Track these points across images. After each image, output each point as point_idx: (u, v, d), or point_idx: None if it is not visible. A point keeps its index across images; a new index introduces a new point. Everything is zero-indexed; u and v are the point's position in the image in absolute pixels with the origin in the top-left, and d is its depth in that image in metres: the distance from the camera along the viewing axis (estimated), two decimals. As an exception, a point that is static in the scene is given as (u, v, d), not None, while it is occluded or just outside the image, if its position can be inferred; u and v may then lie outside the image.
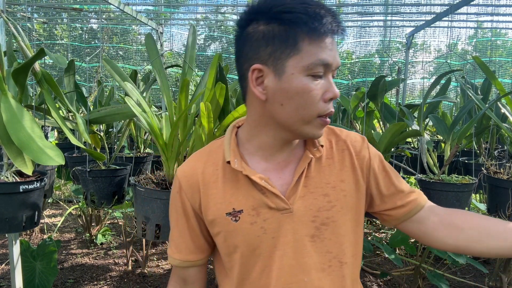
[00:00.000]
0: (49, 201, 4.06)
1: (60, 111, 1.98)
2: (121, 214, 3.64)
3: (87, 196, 1.90)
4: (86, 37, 6.59)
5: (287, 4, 0.71)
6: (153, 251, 3.52)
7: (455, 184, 1.71)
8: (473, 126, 2.08)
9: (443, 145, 2.77)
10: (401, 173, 2.51)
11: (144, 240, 3.17)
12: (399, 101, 3.53)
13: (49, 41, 6.42)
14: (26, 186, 1.46)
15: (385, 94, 2.37)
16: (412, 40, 4.03)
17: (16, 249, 1.84)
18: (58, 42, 6.64)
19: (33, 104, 1.74)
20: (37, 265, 2.30)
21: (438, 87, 2.26)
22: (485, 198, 2.64)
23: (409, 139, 2.92)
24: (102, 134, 2.28)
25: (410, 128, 2.04)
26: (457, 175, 1.87)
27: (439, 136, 3.19)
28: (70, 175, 2.39)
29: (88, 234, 3.67)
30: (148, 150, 2.71)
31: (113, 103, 2.41)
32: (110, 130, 2.66)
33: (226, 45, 7.03)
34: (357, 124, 2.69)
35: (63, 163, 1.35)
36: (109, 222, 4.06)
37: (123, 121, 2.45)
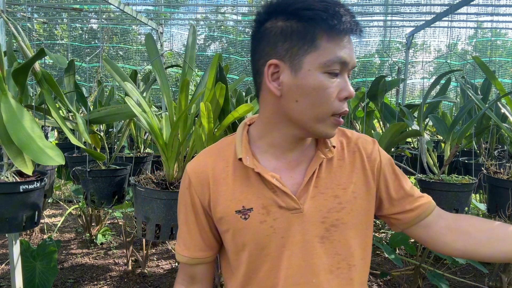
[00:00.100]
0: (49, 201, 4.06)
1: (60, 111, 1.98)
2: (121, 214, 3.64)
3: (87, 196, 1.90)
4: (86, 37, 6.59)
5: (307, 1, 0.71)
6: (153, 251, 3.52)
7: (455, 184, 1.71)
8: (473, 126, 2.08)
9: (443, 145, 2.77)
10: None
11: (144, 240, 3.17)
12: (399, 101, 3.53)
13: (49, 41, 6.42)
14: (26, 186, 1.46)
15: (385, 94, 2.37)
16: (412, 40, 4.03)
17: (16, 249, 1.84)
18: (58, 42, 6.64)
19: (33, 104, 1.74)
20: (37, 265, 2.30)
21: (438, 87, 2.26)
22: (485, 198, 2.64)
23: (409, 139, 2.92)
24: (102, 134, 2.28)
25: (410, 128, 2.04)
26: (457, 175, 1.87)
27: (439, 136, 3.19)
28: (70, 175, 2.39)
29: (88, 234, 3.67)
30: (148, 150, 2.71)
31: (113, 103, 2.41)
32: (110, 130, 2.66)
33: (226, 45, 7.03)
34: (357, 124, 2.69)
35: (63, 163, 1.35)
36: (109, 222, 4.06)
37: (123, 121, 2.45)
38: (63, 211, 4.32)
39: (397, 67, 3.59)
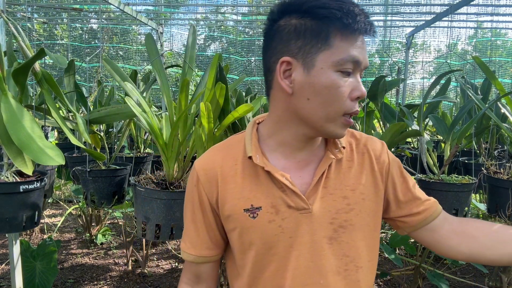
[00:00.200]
0: (49, 201, 4.06)
1: (60, 111, 1.98)
2: (121, 214, 3.64)
3: (87, 196, 1.90)
4: (86, 37, 6.59)
5: (321, 0, 0.71)
6: (153, 251, 3.52)
7: (455, 184, 1.71)
8: (473, 126, 2.08)
9: (443, 145, 2.77)
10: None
11: (144, 240, 3.18)
12: (399, 101, 3.53)
13: (49, 41, 6.42)
14: (26, 186, 1.46)
15: (385, 94, 2.37)
16: (412, 40, 4.03)
17: (16, 249, 1.84)
18: (58, 42, 6.64)
19: (33, 104, 1.74)
20: (37, 265, 2.30)
21: (438, 87, 2.26)
22: (485, 198, 2.64)
23: (409, 139, 2.92)
24: (102, 134, 2.28)
25: (410, 128, 2.04)
26: (457, 175, 1.87)
27: (439, 136, 3.19)
28: (70, 175, 2.39)
29: (88, 234, 3.67)
30: (148, 150, 2.71)
31: (113, 103, 2.41)
32: (110, 130, 2.66)
33: (226, 45, 7.03)
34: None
35: (63, 163, 1.35)
36: (109, 222, 4.06)
37: (123, 121, 2.45)
38: (63, 211, 4.32)
39: (397, 67, 3.59)
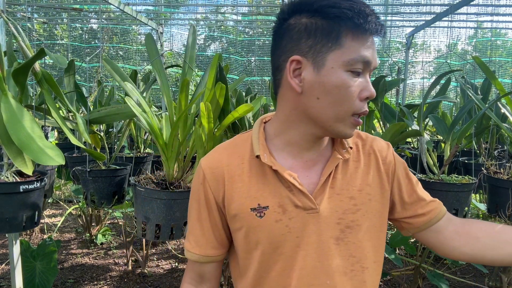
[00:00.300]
0: (49, 201, 4.06)
1: (60, 111, 1.98)
2: (121, 214, 3.64)
3: (87, 196, 1.90)
4: (86, 37, 6.59)
5: None
6: (153, 251, 3.52)
7: (455, 184, 1.71)
8: (473, 126, 2.08)
9: (443, 145, 2.77)
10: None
11: (144, 240, 3.18)
12: (399, 101, 3.53)
13: (49, 41, 6.42)
14: (26, 186, 1.46)
15: (385, 94, 2.37)
16: (412, 40, 4.03)
17: (16, 249, 1.84)
18: (58, 42, 6.64)
19: (33, 104, 1.74)
20: (37, 265, 2.30)
21: (438, 87, 2.26)
22: (485, 198, 2.64)
23: (409, 139, 2.92)
24: (102, 134, 2.28)
25: (410, 128, 2.04)
26: (457, 175, 1.87)
27: (439, 136, 3.18)
28: (70, 175, 2.39)
29: (88, 234, 3.68)
30: (148, 150, 2.71)
31: (113, 103, 2.41)
32: (110, 130, 2.66)
33: (226, 45, 7.03)
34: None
35: (63, 163, 1.35)
36: (109, 222, 4.06)
37: (123, 121, 2.45)
38: (63, 211, 4.32)
39: (397, 67, 3.59)
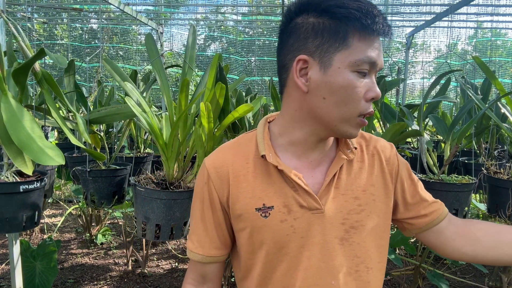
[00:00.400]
0: (49, 201, 4.05)
1: (60, 111, 1.98)
2: (121, 214, 3.64)
3: (87, 196, 1.90)
4: (86, 37, 6.59)
5: None
6: (153, 251, 3.52)
7: (455, 184, 1.71)
8: (473, 126, 2.08)
9: (443, 145, 2.77)
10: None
11: (144, 240, 3.18)
12: (399, 101, 3.53)
13: (49, 41, 6.42)
14: (26, 186, 1.46)
15: (385, 94, 2.37)
16: (412, 40, 4.02)
17: (16, 249, 1.84)
18: (58, 42, 6.64)
19: (33, 104, 1.74)
20: (37, 265, 2.30)
21: (438, 87, 2.26)
22: (485, 198, 2.64)
23: (409, 139, 2.92)
24: (102, 134, 2.28)
25: (410, 128, 2.04)
26: (457, 175, 1.87)
27: (439, 136, 3.18)
28: (70, 175, 2.39)
29: (88, 234, 3.68)
30: (148, 150, 2.71)
31: (113, 103, 2.41)
32: (110, 130, 2.66)
33: (226, 45, 7.03)
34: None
35: (63, 163, 1.35)
36: (109, 222, 4.06)
37: (123, 121, 2.45)
38: (63, 211, 4.32)
39: (397, 67, 3.59)
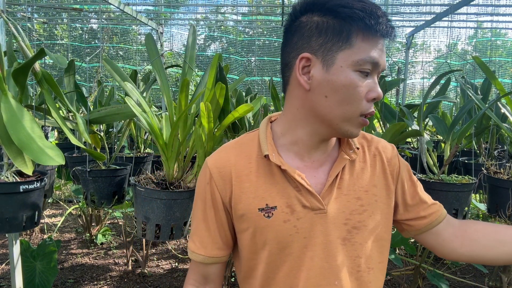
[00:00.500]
0: (49, 201, 4.06)
1: (60, 111, 1.98)
2: (121, 214, 3.64)
3: (87, 196, 1.90)
4: (86, 37, 6.59)
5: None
6: (153, 251, 3.52)
7: (455, 184, 1.71)
8: (473, 126, 2.08)
9: (443, 145, 2.77)
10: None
11: (144, 240, 3.18)
12: (399, 101, 3.53)
13: (49, 41, 6.42)
14: (26, 186, 1.46)
15: (385, 94, 2.37)
16: (412, 40, 4.03)
17: (16, 249, 1.84)
18: (58, 42, 6.64)
19: (33, 104, 1.74)
20: (37, 265, 2.30)
21: (438, 87, 2.26)
22: (485, 198, 2.64)
23: (409, 139, 2.92)
24: (102, 134, 2.28)
25: (410, 128, 2.04)
26: (457, 175, 1.87)
27: (439, 136, 3.18)
28: (70, 175, 2.39)
29: (88, 234, 3.68)
30: (148, 150, 2.71)
31: (113, 103, 2.41)
32: (110, 130, 2.66)
33: (226, 45, 7.03)
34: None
35: (63, 163, 1.35)
36: (109, 222, 4.06)
37: (123, 121, 2.45)
38: (63, 211, 4.32)
39: (397, 67, 3.59)
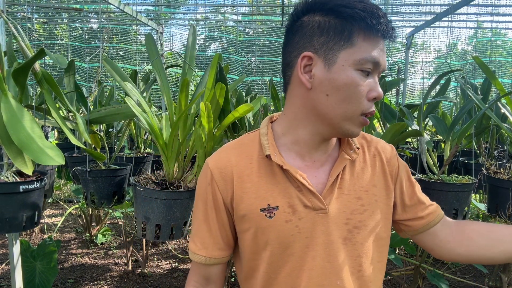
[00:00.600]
0: (49, 201, 4.05)
1: (60, 111, 1.98)
2: (121, 214, 3.64)
3: (87, 196, 1.90)
4: (86, 37, 6.59)
5: (346, 0, 0.73)
6: (153, 251, 3.52)
7: (455, 184, 1.71)
8: (473, 126, 2.08)
9: (443, 145, 2.77)
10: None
11: (144, 240, 3.18)
12: (399, 101, 3.53)
13: (49, 41, 6.42)
14: (26, 186, 1.46)
15: (385, 94, 2.37)
16: (412, 40, 4.02)
17: (16, 249, 1.84)
18: (58, 42, 6.64)
19: (33, 104, 1.74)
20: (37, 265, 2.30)
21: (438, 87, 2.26)
22: (485, 198, 2.64)
23: (409, 139, 2.92)
24: (102, 134, 2.28)
25: (410, 128, 2.03)
26: (457, 175, 1.87)
27: (439, 136, 3.18)
28: (70, 175, 2.39)
29: (88, 234, 3.68)
30: (148, 150, 2.71)
31: (113, 103, 2.41)
32: (110, 130, 2.66)
33: (226, 45, 7.03)
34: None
35: (63, 163, 1.35)
36: (109, 222, 4.06)
37: (123, 121, 2.45)
38: (63, 211, 4.32)
39: (397, 67, 3.59)
